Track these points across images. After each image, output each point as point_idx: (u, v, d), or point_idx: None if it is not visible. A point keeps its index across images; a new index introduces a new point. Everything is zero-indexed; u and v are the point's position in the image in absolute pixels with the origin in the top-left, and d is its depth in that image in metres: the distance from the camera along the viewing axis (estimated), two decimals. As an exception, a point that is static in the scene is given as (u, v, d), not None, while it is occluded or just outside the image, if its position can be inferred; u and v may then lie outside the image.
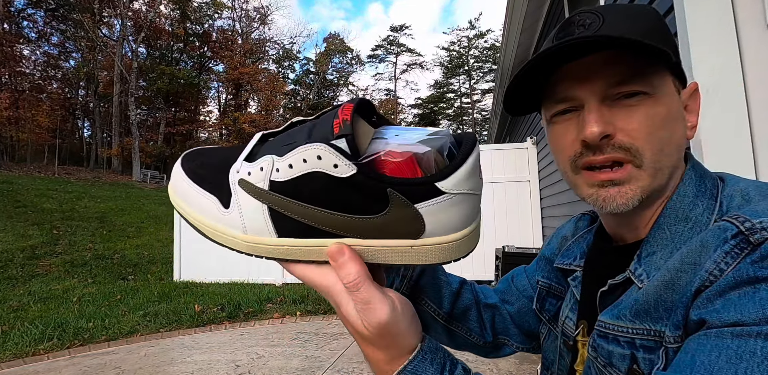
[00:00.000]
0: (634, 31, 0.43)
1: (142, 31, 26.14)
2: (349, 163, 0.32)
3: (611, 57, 0.44)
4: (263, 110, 32.12)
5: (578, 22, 0.46)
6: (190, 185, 0.41)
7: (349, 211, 0.34)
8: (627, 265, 0.46)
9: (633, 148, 0.43)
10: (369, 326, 0.36)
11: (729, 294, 0.34)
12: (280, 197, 0.35)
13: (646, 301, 0.41)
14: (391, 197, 0.32)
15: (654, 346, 0.39)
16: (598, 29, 0.44)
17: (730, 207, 0.43)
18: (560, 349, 0.57)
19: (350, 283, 0.35)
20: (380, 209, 0.33)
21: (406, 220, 0.33)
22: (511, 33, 5.15)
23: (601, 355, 0.45)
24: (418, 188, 0.32)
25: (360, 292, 0.35)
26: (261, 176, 0.36)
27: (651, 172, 0.44)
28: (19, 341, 3.92)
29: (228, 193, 0.39)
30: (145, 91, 28.45)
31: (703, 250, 0.37)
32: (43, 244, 8.25)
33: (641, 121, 0.43)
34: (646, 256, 0.45)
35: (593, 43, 0.41)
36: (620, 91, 0.44)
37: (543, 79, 0.48)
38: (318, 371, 3.13)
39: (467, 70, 40.94)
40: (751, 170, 1.19)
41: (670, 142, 0.44)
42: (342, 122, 0.33)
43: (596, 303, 0.50)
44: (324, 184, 0.33)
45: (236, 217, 0.38)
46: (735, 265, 0.34)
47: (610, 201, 0.44)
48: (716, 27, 1.23)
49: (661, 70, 0.45)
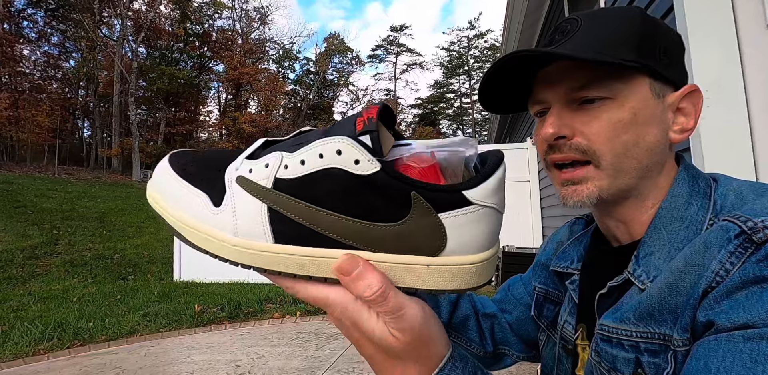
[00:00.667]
0: (604, 36, 0.46)
1: (142, 31, 26.14)
2: (372, 158, 0.29)
3: (572, 65, 0.47)
4: (263, 110, 32.13)
5: (560, 28, 0.49)
6: (177, 180, 0.36)
7: (364, 216, 0.30)
8: (625, 267, 0.46)
9: (590, 150, 0.46)
10: (401, 336, 0.32)
11: (736, 294, 0.34)
12: (285, 197, 0.31)
13: (650, 303, 0.40)
14: (415, 202, 0.29)
15: (659, 350, 0.39)
16: (571, 36, 0.47)
17: (725, 205, 0.43)
18: (559, 354, 0.57)
19: (375, 294, 0.30)
20: (399, 216, 0.30)
21: (426, 232, 0.30)
22: (511, 33, 5.15)
23: (605, 359, 0.44)
24: (444, 195, 0.29)
25: (388, 301, 0.31)
26: (265, 173, 0.32)
27: (611, 172, 0.46)
28: (19, 341, 3.92)
29: (221, 191, 0.34)
30: (145, 91, 28.45)
31: (707, 251, 0.37)
32: (43, 244, 8.25)
33: (601, 125, 0.46)
34: (644, 257, 0.45)
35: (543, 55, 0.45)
36: (581, 95, 0.47)
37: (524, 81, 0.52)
38: (318, 371, 3.13)
39: (467, 70, 40.95)
40: (751, 170, 1.19)
41: (636, 145, 0.46)
42: (367, 120, 0.30)
43: (594, 306, 0.50)
44: (340, 182, 0.29)
45: (227, 218, 0.33)
46: (740, 264, 0.34)
47: (568, 198, 0.48)
48: (716, 27, 1.23)
49: (627, 76, 0.46)
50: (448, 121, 43.06)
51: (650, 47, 0.46)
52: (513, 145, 5.95)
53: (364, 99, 41.74)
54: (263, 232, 0.32)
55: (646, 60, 0.45)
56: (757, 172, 1.18)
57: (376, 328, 0.32)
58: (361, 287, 0.30)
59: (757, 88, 1.20)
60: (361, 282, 0.30)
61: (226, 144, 28.60)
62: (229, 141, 29.58)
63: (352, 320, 0.32)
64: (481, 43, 39.36)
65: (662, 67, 0.47)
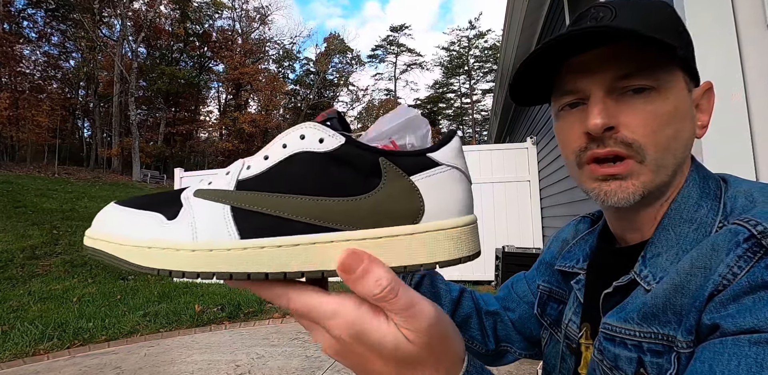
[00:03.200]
0: (646, 24, 0.43)
1: (142, 31, 26.14)
2: (335, 133, 0.29)
3: (618, 50, 0.44)
4: (263, 110, 32.13)
5: (591, 15, 0.46)
6: (125, 211, 0.33)
7: (336, 193, 0.29)
8: (631, 267, 0.46)
9: (635, 144, 0.44)
10: (417, 337, 0.27)
11: (743, 299, 0.33)
12: (250, 193, 0.29)
13: (654, 304, 0.40)
14: (385, 168, 0.29)
15: (662, 350, 0.39)
16: (610, 22, 0.43)
17: (734, 208, 0.42)
18: (563, 353, 0.57)
19: (385, 289, 0.26)
20: (372, 185, 0.29)
21: (402, 196, 0.29)
22: (511, 33, 5.15)
23: (607, 357, 0.44)
24: (412, 159, 0.29)
25: (399, 297, 0.27)
26: (226, 180, 0.31)
27: (653, 168, 0.44)
28: (19, 341, 3.92)
29: (176, 207, 0.31)
30: (145, 91, 28.45)
31: (714, 253, 0.37)
32: (43, 244, 8.25)
33: (646, 117, 0.43)
34: (651, 258, 0.44)
35: (601, 33, 0.41)
36: (626, 84, 0.44)
37: (552, 71, 0.49)
38: (318, 371, 3.13)
39: (467, 70, 40.94)
40: (752, 171, 1.18)
41: (676, 140, 0.44)
42: (325, 114, 0.31)
43: (599, 305, 0.49)
44: (307, 165, 0.29)
45: (183, 226, 0.30)
46: (748, 268, 0.34)
47: (612, 195, 0.45)
48: (716, 27, 1.23)
49: (670, 66, 0.44)
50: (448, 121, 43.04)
51: (685, 40, 0.45)
52: (513, 145, 5.95)
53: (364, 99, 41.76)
54: (226, 231, 0.29)
55: (685, 51, 0.44)
56: (757, 172, 1.18)
57: (387, 333, 0.27)
58: (370, 283, 0.26)
59: (757, 88, 1.20)
60: (369, 276, 0.26)
61: (226, 144, 28.61)
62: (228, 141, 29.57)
63: (355, 330, 0.28)
64: (481, 43, 39.39)
65: (693, 61, 0.46)
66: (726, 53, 1.21)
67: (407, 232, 0.29)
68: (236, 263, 0.28)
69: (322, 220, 0.28)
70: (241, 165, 0.31)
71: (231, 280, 0.28)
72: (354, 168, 0.29)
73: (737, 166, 1.19)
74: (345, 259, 0.27)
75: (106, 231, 0.32)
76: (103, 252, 0.31)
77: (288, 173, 0.29)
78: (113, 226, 0.32)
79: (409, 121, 0.32)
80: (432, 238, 0.29)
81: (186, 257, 0.29)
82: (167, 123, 28.95)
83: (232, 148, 28.21)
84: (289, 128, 0.30)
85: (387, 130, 0.32)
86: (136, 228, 0.31)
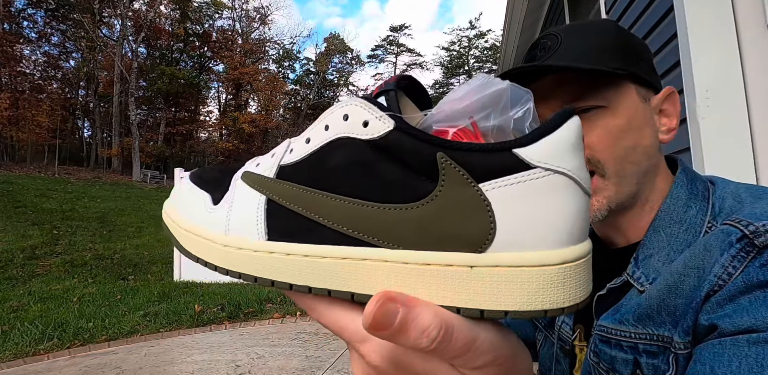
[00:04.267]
0: (587, 49, 0.47)
1: (142, 31, 26.14)
2: (382, 114, 0.21)
3: (565, 77, 0.47)
4: (263, 110, 32.13)
5: (541, 45, 0.50)
6: (188, 187, 0.31)
7: (378, 196, 0.21)
8: (623, 269, 0.47)
9: (593, 159, 0.46)
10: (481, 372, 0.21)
11: (739, 299, 0.34)
12: (286, 184, 0.25)
13: (648, 305, 0.41)
14: (443, 168, 0.20)
15: (657, 351, 0.39)
16: (554, 52, 0.48)
17: (722, 208, 0.43)
18: (556, 355, 0.58)
19: (436, 340, 0.19)
20: (424, 192, 0.20)
21: (462, 212, 0.20)
22: (511, 33, 5.15)
23: (604, 360, 0.45)
24: (486, 157, 0.19)
25: (455, 341, 0.19)
26: (270, 163, 0.26)
27: (615, 180, 0.47)
28: (19, 341, 3.92)
29: (224, 190, 0.29)
30: (145, 91, 28.46)
31: (707, 254, 0.37)
32: (43, 244, 8.25)
33: (600, 134, 0.46)
34: (643, 259, 0.45)
35: (540, 68, 0.46)
36: (577, 106, 0.47)
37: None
38: (318, 371, 3.13)
39: (467, 70, 40.94)
40: (751, 171, 1.18)
41: (634, 150, 0.47)
42: (384, 84, 0.24)
43: (593, 307, 0.50)
44: (346, 155, 0.22)
45: (222, 214, 0.27)
46: (743, 268, 0.34)
47: None
48: (716, 27, 1.23)
49: (616, 83, 0.47)
50: (448, 121, 42.95)
51: (631, 55, 0.48)
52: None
53: (364, 99, 41.65)
54: (255, 228, 0.25)
55: (631, 67, 0.47)
56: (757, 172, 1.18)
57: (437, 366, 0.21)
58: (414, 338, 0.19)
59: (757, 88, 1.20)
60: (412, 329, 0.19)
61: (226, 144, 28.63)
62: (228, 141, 29.59)
63: (394, 359, 0.22)
64: (481, 43, 39.42)
65: (644, 73, 0.48)
66: (726, 53, 1.21)
67: (466, 263, 0.20)
68: (261, 268, 0.25)
69: (357, 230, 0.22)
70: (287, 146, 0.26)
71: (256, 283, 0.25)
72: (403, 164, 0.21)
73: (737, 166, 1.19)
74: (371, 315, 0.19)
75: (170, 204, 0.32)
76: (167, 228, 0.31)
77: (327, 164, 0.23)
78: (176, 201, 0.31)
79: (502, 91, 0.22)
80: (501, 277, 0.20)
81: (218, 252, 0.26)
82: (167, 123, 28.95)
83: (232, 148, 28.22)
84: (336, 104, 0.24)
85: (466, 105, 0.22)
86: (188, 208, 0.30)
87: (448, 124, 0.22)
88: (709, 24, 1.23)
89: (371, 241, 0.22)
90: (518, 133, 0.22)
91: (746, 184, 0.46)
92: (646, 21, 1.58)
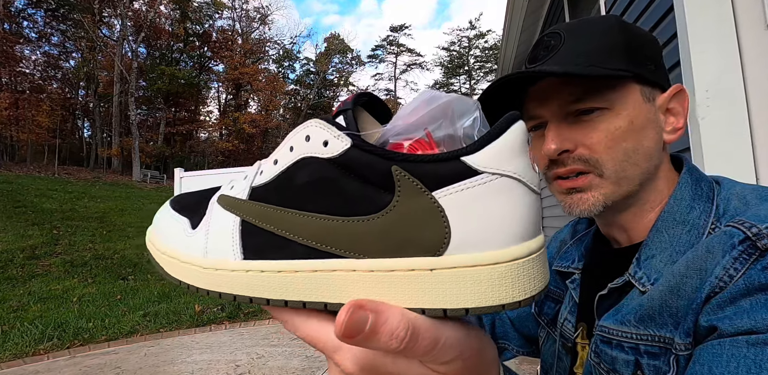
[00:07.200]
0: (589, 50, 0.46)
1: (142, 31, 26.14)
2: (340, 133, 0.23)
3: (564, 79, 0.47)
4: (263, 110, 32.15)
5: (543, 44, 0.50)
6: (168, 213, 0.33)
7: (342, 211, 0.23)
8: (626, 268, 0.46)
9: (592, 159, 0.46)
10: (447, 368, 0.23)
11: (740, 301, 0.34)
12: (258, 205, 0.26)
13: (650, 306, 0.40)
14: (398, 179, 0.21)
15: (659, 352, 0.39)
16: (557, 52, 0.47)
17: (727, 210, 0.43)
18: (559, 352, 0.58)
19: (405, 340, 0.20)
20: (383, 203, 0.22)
21: (419, 219, 0.21)
22: (511, 33, 5.15)
23: (604, 360, 0.45)
24: (436, 166, 0.21)
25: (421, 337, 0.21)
26: (243, 186, 0.28)
27: (614, 180, 0.46)
28: (19, 341, 3.92)
29: (202, 214, 0.30)
30: (145, 91, 28.46)
31: (710, 255, 0.37)
32: (43, 244, 8.25)
33: (600, 136, 0.46)
34: (645, 260, 0.45)
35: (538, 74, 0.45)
36: (579, 107, 0.47)
37: (517, 98, 0.53)
38: (318, 371, 3.13)
39: (468, 70, 40.96)
40: (751, 171, 1.18)
41: (635, 152, 0.46)
42: (343, 103, 0.26)
43: (594, 306, 0.50)
44: (310, 174, 0.24)
45: (200, 238, 0.29)
46: (744, 271, 0.34)
47: (575, 206, 0.48)
48: (716, 27, 1.23)
49: (619, 84, 0.46)
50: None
51: (635, 54, 0.47)
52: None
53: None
54: (231, 248, 0.27)
55: (635, 67, 0.46)
56: (757, 172, 1.18)
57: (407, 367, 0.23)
58: (384, 341, 0.20)
59: (757, 88, 1.20)
60: (381, 332, 0.20)
61: (226, 144, 28.62)
62: (228, 141, 29.58)
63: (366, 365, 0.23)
64: (481, 43, 39.42)
65: (649, 72, 0.47)
66: (726, 53, 1.21)
67: (426, 266, 0.21)
68: (239, 286, 0.26)
69: (325, 243, 0.23)
70: (257, 168, 0.27)
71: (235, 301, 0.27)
72: (363, 179, 0.22)
73: (737, 166, 1.19)
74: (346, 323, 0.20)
75: (153, 232, 0.33)
76: (150, 253, 0.32)
77: (295, 183, 0.25)
78: (158, 228, 0.33)
79: (449, 103, 0.24)
80: (458, 277, 0.21)
81: (198, 274, 0.28)
82: (167, 123, 28.94)
83: (232, 148, 28.22)
84: (299, 126, 0.25)
85: (418, 118, 0.24)
86: (169, 234, 0.31)
87: (404, 137, 0.24)
88: (709, 24, 1.23)
89: (339, 253, 0.23)
90: (468, 140, 0.24)
91: (753, 186, 0.45)
92: (646, 21, 1.58)
